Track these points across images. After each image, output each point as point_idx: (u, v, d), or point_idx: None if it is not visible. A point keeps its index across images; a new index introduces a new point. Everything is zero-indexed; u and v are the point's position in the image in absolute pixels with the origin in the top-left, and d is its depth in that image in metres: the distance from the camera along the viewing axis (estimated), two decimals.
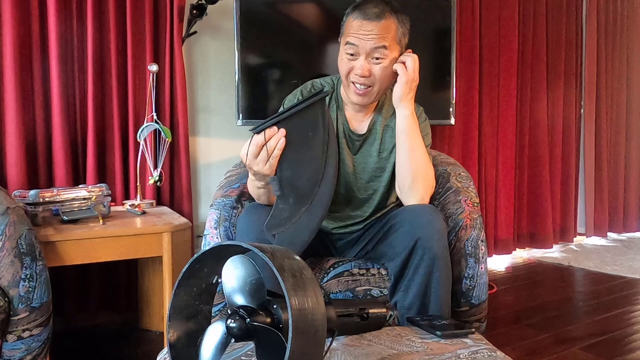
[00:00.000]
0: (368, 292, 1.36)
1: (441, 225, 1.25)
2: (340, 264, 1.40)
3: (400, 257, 1.25)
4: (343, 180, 1.44)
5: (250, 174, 1.20)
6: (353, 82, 1.34)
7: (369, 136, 1.44)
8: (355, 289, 1.36)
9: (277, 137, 1.07)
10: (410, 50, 1.38)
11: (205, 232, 1.50)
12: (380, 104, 1.45)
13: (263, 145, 1.08)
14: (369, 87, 1.33)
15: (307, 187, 1.12)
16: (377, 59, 1.30)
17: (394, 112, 1.41)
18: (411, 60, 1.32)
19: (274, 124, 1.07)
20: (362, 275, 1.38)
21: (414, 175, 1.34)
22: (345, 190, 1.45)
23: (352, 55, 1.31)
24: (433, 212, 1.28)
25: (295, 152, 1.09)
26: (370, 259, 1.44)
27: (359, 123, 1.44)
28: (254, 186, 1.28)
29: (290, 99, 1.46)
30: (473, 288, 1.42)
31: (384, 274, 1.38)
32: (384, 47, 1.29)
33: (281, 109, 1.45)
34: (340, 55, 1.36)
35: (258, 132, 1.08)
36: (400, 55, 1.35)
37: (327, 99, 1.45)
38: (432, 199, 1.58)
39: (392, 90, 1.46)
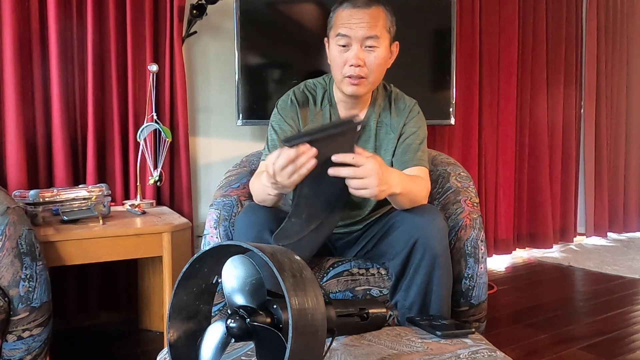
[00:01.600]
0: (367, 292, 1.36)
1: (441, 224, 1.25)
2: (340, 263, 1.40)
3: (401, 256, 1.25)
4: (340, 179, 1.44)
5: (266, 180, 1.17)
6: (348, 76, 1.33)
7: (362, 133, 1.44)
8: (354, 289, 1.36)
9: (307, 155, 1.04)
10: (397, 42, 1.38)
11: (205, 232, 1.50)
12: (373, 100, 1.45)
13: (292, 160, 1.06)
14: (364, 78, 1.33)
15: (322, 208, 1.13)
16: (369, 47, 1.31)
17: (388, 108, 1.42)
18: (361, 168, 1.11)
19: (307, 141, 1.05)
20: (362, 275, 1.38)
21: (410, 205, 1.31)
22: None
23: (344, 46, 1.32)
24: (433, 211, 1.28)
25: (318, 172, 1.08)
26: (370, 258, 1.44)
27: None
28: (264, 192, 1.25)
29: (285, 100, 1.45)
30: (472, 288, 1.42)
31: (383, 273, 1.38)
32: (376, 36, 1.30)
33: (275, 110, 1.45)
34: (331, 49, 1.36)
35: (291, 146, 1.06)
36: (390, 44, 1.35)
37: (321, 98, 1.45)
38: (432, 199, 1.58)
39: (385, 87, 1.47)
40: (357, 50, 1.30)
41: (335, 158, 1.09)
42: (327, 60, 1.41)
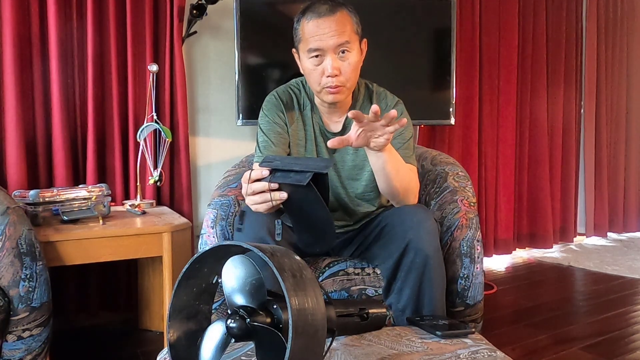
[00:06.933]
0: (363, 292, 1.36)
1: (432, 225, 1.25)
2: (336, 263, 1.40)
3: (392, 258, 1.25)
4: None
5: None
6: (326, 87, 1.32)
7: (344, 134, 1.43)
8: (350, 289, 1.35)
9: (274, 195, 1.04)
10: (365, 40, 1.37)
11: (202, 231, 1.50)
12: (354, 102, 1.44)
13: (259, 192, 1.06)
14: (342, 86, 1.32)
15: (313, 229, 1.12)
16: (342, 53, 1.30)
17: (368, 108, 1.41)
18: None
19: (281, 169, 1.04)
20: (357, 274, 1.37)
21: (403, 193, 1.32)
22: (331, 189, 1.45)
23: (317, 57, 1.30)
24: (424, 213, 1.28)
25: (295, 204, 1.07)
26: (364, 259, 1.44)
27: (334, 123, 1.45)
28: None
29: (269, 100, 1.44)
30: (468, 288, 1.41)
31: (378, 273, 1.38)
32: (347, 42, 1.29)
33: (261, 112, 1.44)
34: (304, 63, 1.34)
35: (268, 168, 1.05)
36: (360, 43, 1.35)
37: (303, 101, 1.45)
38: (430, 199, 1.58)
39: (367, 86, 1.47)
40: (331, 60, 1.29)
41: (331, 144, 1.14)
42: (300, 70, 1.40)
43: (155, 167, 2.07)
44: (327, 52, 1.29)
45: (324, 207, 1.00)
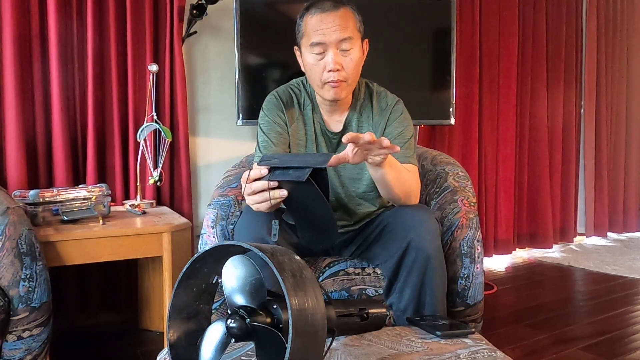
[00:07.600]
0: (363, 292, 1.36)
1: (433, 225, 1.25)
2: (336, 263, 1.40)
3: (394, 258, 1.25)
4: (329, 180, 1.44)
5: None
6: (328, 82, 1.32)
7: (344, 133, 1.43)
8: (350, 288, 1.36)
9: (274, 193, 1.02)
10: (367, 40, 1.38)
11: (203, 231, 1.50)
12: (354, 101, 1.44)
13: (259, 191, 1.04)
14: (343, 81, 1.32)
15: (315, 227, 1.10)
16: (345, 50, 1.30)
17: (369, 107, 1.42)
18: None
19: (280, 167, 1.03)
20: (357, 274, 1.37)
21: (404, 197, 1.32)
22: (331, 189, 1.45)
23: (319, 53, 1.31)
24: (425, 213, 1.28)
25: (296, 202, 1.05)
26: (365, 259, 1.44)
27: (335, 122, 1.45)
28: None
29: (270, 100, 1.44)
30: (468, 288, 1.41)
31: (379, 273, 1.38)
32: (350, 37, 1.30)
33: (261, 112, 1.43)
34: (306, 58, 1.35)
35: (268, 167, 1.03)
36: (362, 43, 1.35)
37: (303, 100, 1.45)
38: (430, 199, 1.58)
39: (367, 85, 1.47)
40: (333, 55, 1.29)
41: (334, 161, 1.12)
42: (301, 68, 1.40)
43: (155, 167, 2.07)
44: (329, 47, 1.30)
45: (324, 202, 1.00)
